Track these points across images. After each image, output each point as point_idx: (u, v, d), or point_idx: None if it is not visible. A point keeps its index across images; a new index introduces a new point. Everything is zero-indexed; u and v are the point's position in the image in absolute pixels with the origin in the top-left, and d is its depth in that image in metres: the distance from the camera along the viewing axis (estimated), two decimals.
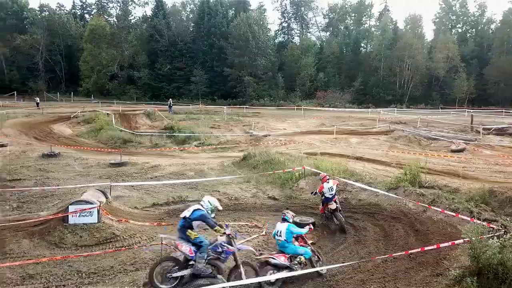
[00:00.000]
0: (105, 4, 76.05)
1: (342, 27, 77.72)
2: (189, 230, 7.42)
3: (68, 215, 10.24)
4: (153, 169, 18.00)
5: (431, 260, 8.65)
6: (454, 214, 10.12)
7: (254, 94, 61.61)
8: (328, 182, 11.10)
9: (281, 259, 7.96)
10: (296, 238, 8.46)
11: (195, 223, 7.48)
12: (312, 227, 9.03)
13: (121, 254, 9.18)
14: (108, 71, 65.23)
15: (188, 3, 77.51)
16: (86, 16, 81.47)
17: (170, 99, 46.15)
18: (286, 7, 77.63)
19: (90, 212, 10.29)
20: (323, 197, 11.21)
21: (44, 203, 12.85)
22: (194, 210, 7.54)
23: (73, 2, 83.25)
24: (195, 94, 63.34)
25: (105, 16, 73.03)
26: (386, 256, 8.75)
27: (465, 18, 77.46)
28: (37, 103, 44.76)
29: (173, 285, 7.42)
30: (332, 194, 11.03)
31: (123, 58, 65.79)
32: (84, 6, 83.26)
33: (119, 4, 73.44)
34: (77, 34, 72.11)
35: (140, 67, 65.23)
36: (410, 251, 8.63)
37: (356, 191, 13.31)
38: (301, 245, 8.41)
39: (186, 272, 7.46)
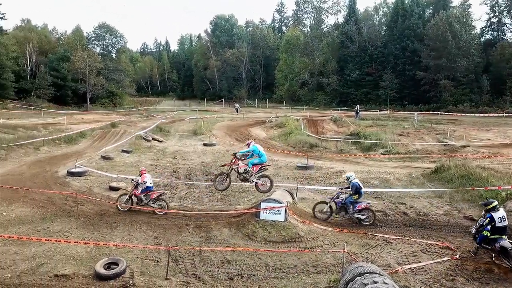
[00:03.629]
0: (300, 15, 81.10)
1: None
2: None
3: (260, 211, 11.33)
4: (337, 175, 18.20)
5: None
6: None
7: (451, 99, 55.32)
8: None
9: None
10: None
11: None
12: None
13: (304, 255, 9.60)
14: (300, 79, 69.16)
15: (381, 6, 75.48)
16: (283, 28, 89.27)
17: (358, 105, 45.83)
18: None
19: (278, 210, 11.13)
20: None
21: (241, 197, 14.61)
22: None
23: (273, 16, 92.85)
24: (383, 99, 61.16)
25: (300, 27, 77.85)
26: None
27: None
28: (236, 109, 51.06)
29: None
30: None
31: (314, 66, 68.65)
32: (282, 19, 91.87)
33: (313, 15, 77.08)
34: (274, 45, 79.97)
35: (330, 73, 66.79)
36: None
37: None
38: None
39: None
